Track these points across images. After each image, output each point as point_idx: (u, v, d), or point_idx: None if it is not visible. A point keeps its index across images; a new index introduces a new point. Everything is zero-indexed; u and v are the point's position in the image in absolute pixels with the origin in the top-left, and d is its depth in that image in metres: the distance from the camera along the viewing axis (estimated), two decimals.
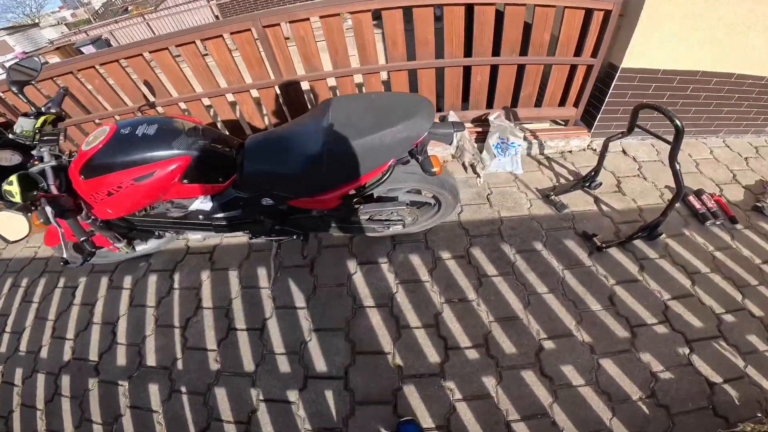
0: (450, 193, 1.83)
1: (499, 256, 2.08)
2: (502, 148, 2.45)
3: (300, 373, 1.76)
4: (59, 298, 2.35)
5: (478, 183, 2.50)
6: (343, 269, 2.14)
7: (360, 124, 1.38)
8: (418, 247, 2.18)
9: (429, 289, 1.98)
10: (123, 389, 1.86)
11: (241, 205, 1.65)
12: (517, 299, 1.90)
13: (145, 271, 2.36)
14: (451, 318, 1.85)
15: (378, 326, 1.87)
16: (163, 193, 1.49)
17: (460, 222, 2.29)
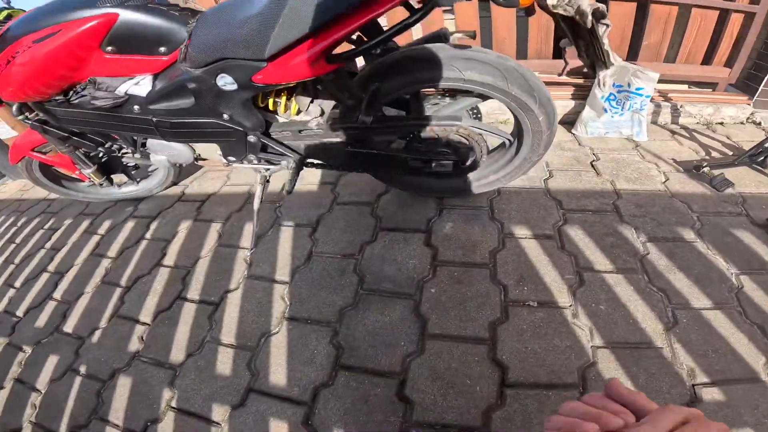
0: (542, 110, 1.14)
1: (615, 244, 1.27)
2: (620, 100, 1.68)
3: (243, 380, 1.10)
4: (37, 239, 2.10)
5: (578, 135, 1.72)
6: (355, 235, 1.47)
7: None
8: (478, 217, 1.44)
9: (486, 281, 1.21)
10: (22, 356, 1.41)
11: (191, 90, 1.15)
12: (651, 315, 1.07)
13: (127, 216, 2.00)
14: (521, 331, 1.07)
15: (388, 327, 1.14)
16: (76, 64, 1.17)
17: (548, 189, 1.51)
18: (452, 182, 1.47)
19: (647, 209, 1.38)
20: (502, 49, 2.02)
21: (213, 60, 1.05)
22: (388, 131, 1.24)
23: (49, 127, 1.46)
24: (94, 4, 1.12)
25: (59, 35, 1.11)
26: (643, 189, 1.47)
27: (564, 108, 1.93)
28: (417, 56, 1.11)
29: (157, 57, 1.19)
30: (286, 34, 0.94)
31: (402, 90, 1.16)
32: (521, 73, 1.10)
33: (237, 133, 1.25)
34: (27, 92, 1.23)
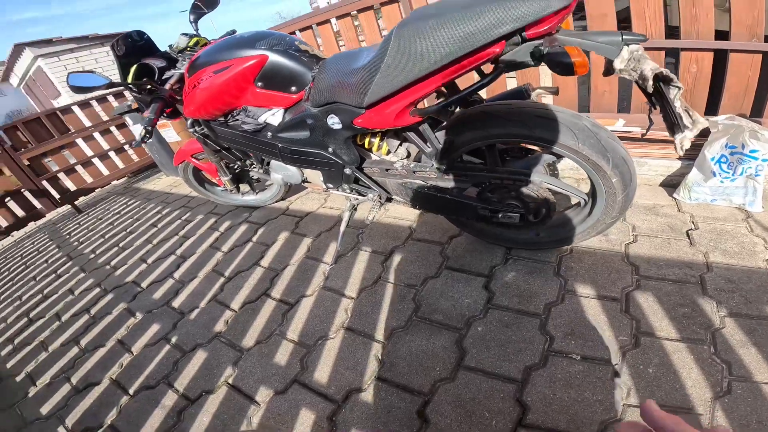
0: (615, 171, 1.19)
1: (688, 315, 1.23)
2: (732, 163, 1.60)
3: (292, 372, 1.37)
4: (173, 228, 2.83)
5: (680, 200, 1.66)
6: (421, 269, 1.65)
7: (446, 6, 1.03)
8: (542, 271, 1.50)
9: (534, 329, 1.28)
10: (132, 321, 1.89)
11: (308, 125, 1.47)
12: (703, 382, 1.04)
13: (242, 220, 2.53)
14: (554, 379, 1.12)
15: (430, 352, 1.29)
16: (238, 94, 1.53)
17: (626, 254, 1.51)
18: (521, 234, 1.56)
19: (738, 285, 1.30)
20: (601, 103, 2.04)
21: (326, 102, 1.35)
22: (461, 179, 1.40)
23: (209, 141, 1.94)
24: (253, 46, 1.46)
25: (230, 69, 1.47)
26: (741, 264, 1.38)
27: (668, 169, 1.87)
28: (492, 112, 1.26)
29: (289, 95, 1.51)
30: (380, 88, 1.15)
31: (476, 142, 1.30)
32: (594, 132, 1.16)
33: (337, 164, 1.55)
34: (202, 112, 1.65)
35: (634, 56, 0.94)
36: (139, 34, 1.74)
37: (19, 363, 1.91)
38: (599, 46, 0.97)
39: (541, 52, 0.95)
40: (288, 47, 1.48)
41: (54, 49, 9.20)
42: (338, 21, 2.47)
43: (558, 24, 0.99)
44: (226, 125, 1.70)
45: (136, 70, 1.64)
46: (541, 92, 1.41)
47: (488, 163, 1.38)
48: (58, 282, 2.62)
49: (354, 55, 1.31)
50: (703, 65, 1.78)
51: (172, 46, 1.80)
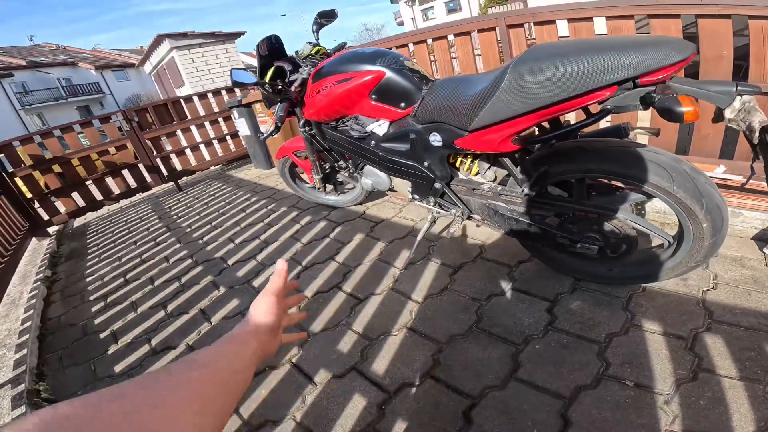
0: (707, 216, 1.21)
1: (752, 358, 1.23)
2: None
3: (352, 360, 1.54)
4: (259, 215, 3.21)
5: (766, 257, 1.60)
6: (488, 286, 1.76)
7: (562, 49, 1.14)
8: (610, 304, 1.54)
9: (591, 354, 1.34)
10: (215, 293, 2.19)
11: (410, 139, 1.65)
12: (750, 416, 1.06)
13: (322, 217, 2.81)
14: (603, 400, 1.18)
15: (485, 360, 1.40)
16: (353, 103, 1.74)
17: (703, 300, 1.50)
18: (594, 267, 1.61)
19: None
20: (702, 146, 2.01)
21: (432, 120, 1.53)
22: (545, 207, 1.49)
23: (315, 140, 2.21)
24: (374, 62, 1.64)
25: (351, 81, 1.67)
26: None
27: (763, 222, 1.80)
28: (588, 148, 1.33)
29: (397, 109, 1.67)
30: (489, 116, 1.28)
31: (568, 174, 1.38)
32: (692, 177, 1.19)
33: (429, 178, 1.71)
34: (320, 115, 1.91)
35: (745, 107, 0.99)
36: (276, 38, 2.03)
37: (106, 320, 2.20)
38: (712, 95, 1.03)
39: (652, 99, 1.02)
40: (403, 66, 1.66)
41: (187, 42, 10.39)
42: (434, 42, 2.65)
43: (673, 74, 1.05)
44: (336, 129, 1.94)
45: (274, 71, 1.92)
46: (640, 131, 1.46)
47: (575, 195, 1.44)
48: (155, 249, 3.06)
49: (466, 81, 1.45)
50: None
51: (298, 52, 2.06)
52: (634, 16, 1.92)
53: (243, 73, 1.82)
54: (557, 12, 2.07)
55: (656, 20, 1.89)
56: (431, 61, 2.91)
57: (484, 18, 2.35)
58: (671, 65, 0.99)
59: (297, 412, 1.37)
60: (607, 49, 1.05)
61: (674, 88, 1.04)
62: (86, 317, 2.31)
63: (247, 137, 4.29)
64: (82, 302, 2.51)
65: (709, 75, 1.86)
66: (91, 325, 2.20)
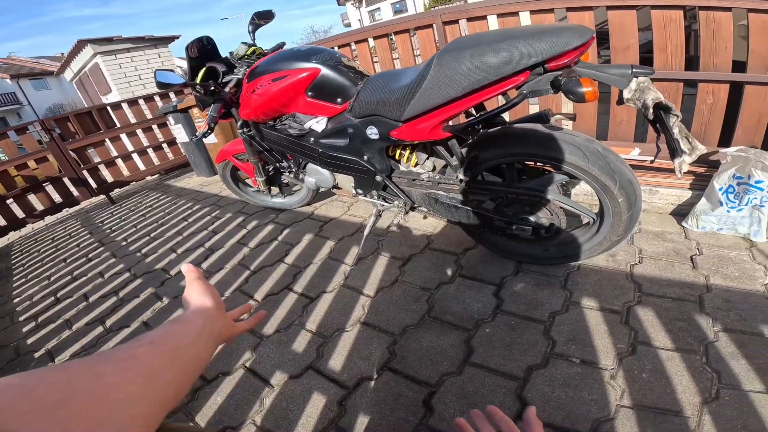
0: (621, 192, 1.31)
1: (684, 328, 1.32)
2: (739, 193, 1.68)
3: (308, 359, 1.49)
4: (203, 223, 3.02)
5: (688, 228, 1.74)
6: (436, 275, 1.77)
7: (482, 39, 1.20)
8: (550, 283, 1.60)
9: (538, 334, 1.38)
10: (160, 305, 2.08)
11: (348, 134, 1.64)
12: (693, 388, 1.12)
13: (269, 221, 2.71)
14: (554, 379, 1.22)
15: (439, 348, 1.40)
16: (290, 101, 1.71)
17: (631, 273, 1.60)
18: (532, 249, 1.68)
19: (735, 305, 1.38)
20: (618, 131, 2.15)
21: (368, 114, 1.52)
22: (481, 192, 1.54)
23: (254, 141, 2.13)
24: (309, 59, 1.63)
25: (286, 78, 1.64)
26: (739, 287, 1.46)
27: (679, 198, 1.95)
28: (513, 133, 1.41)
29: (335, 105, 1.66)
30: (419, 105, 1.32)
31: (497, 160, 1.44)
32: (604, 156, 1.29)
33: (369, 171, 1.70)
34: (257, 114, 1.84)
35: (640, 87, 1.07)
36: (208, 39, 1.94)
37: (40, 340, 2.03)
38: (610, 78, 1.13)
39: (559, 82, 1.10)
40: (338, 63, 1.65)
41: (113, 47, 9.67)
42: (375, 41, 2.65)
43: (576, 58, 1.14)
44: (274, 128, 1.89)
45: (205, 72, 1.83)
46: (560, 117, 1.54)
47: (506, 180, 1.50)
48: (88, 265, 2.81)
49: (397, 75, 1.48)
50: (718, 97, 1.89)
51: (232, 53, 1.99)
52: (554, 10, 2.03)
53: (168, 73, 1.71)
54: (487, 8, 2.15)
55: (572, 13, 2.00)
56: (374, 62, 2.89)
57: (421, 16, 2.39)
58: (574, 49, 1.08)
59: (256, 416, 1.31)
60: (519, 37, 1.12)
61: (578, 72, 1.12)
62: (18, 338, 2.11)
63: (186, 144, 4.06)
64: (12, 323, 2.29)
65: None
66: (25, 346, 2.02)
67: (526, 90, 1.18)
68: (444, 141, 1.47)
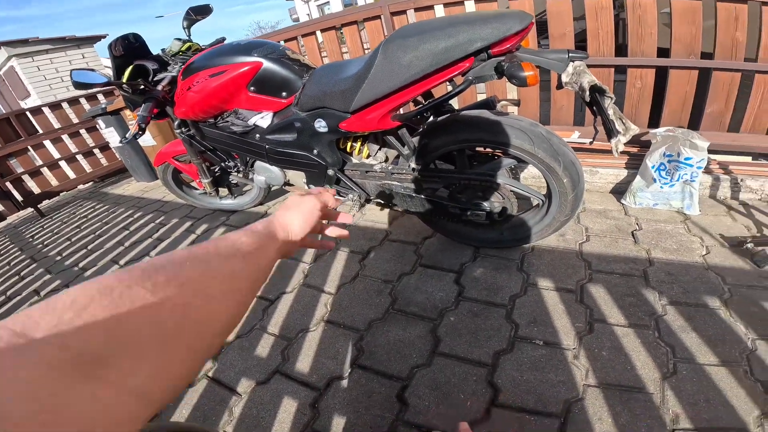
0: (565, 172, 1.35)
1: (634, 303, 1.39)
2: (670, 170, 1.80)
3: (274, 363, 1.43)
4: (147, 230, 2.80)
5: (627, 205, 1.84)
6: (397, 266, 1.76)
7: (426, 26, 1.19)
8: (507, 267, 1.64)
9: (501, 318, 1.41)
10: None
11: (296, 128, 1.57)
12: (651, 364, 1.18)
13: (220, 223, 2.57)
14: (521, 362, 1.24)
15: (407, 341, 1.39)
16: (231, 97, 1.61)
17: (580, 252, 1.67)
18: (487, 234, 1.71)
19: (677, 277, 1.48)
20: (560, 116, 2.24)
21: (315, 107, 1.46)
22: (433, 180, 1.53)
23: (195, 141, 1.99)
24: (250, 53, 1.55)
25: (225, 74, 1.55)
26: (679, 260, 1.56)
27: (617, 177, 2.07)
28: (461, 120, 1.42)
29: (279, 99, 1.59)
30: (366, 95, 1.29)
31: (447, 147, 1.44)
32: (547, 138, 1.33)
33: (320, 166, 1.64)
34: (194, 113, 1.71)
35: (577, 71, 1.11)
36: (135, 36, 1.79)
37: None
38: (549, 62, 1.16)
39: (502, 68, 1.11)
40: (281, 55, 1.58)
41: (29, 49, 8.77)
42: (323, 33, 2.57)
43: (518, 43, 1.16)
44: (215, 126, 1.77)
45: (132, 70, 1.68)
46: (505, 103, 1.57)
47: (458, 166, 1.51)
48: (21, 284, 2.54)
49: (343, 66, 1.44)
50: (646, 81, 2.00)
51: (165, 50, 1.86)
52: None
53: (88, 72, 1.55)
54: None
55: (514, 1, 2.05)
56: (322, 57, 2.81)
57: (369, 7, 2.35)
58: (515, 34, 1.10)
59: (227, 427, 1.23)
60: (463, 23, 1.12)
61: (519, 57, 1.14)
62: None
63: (120, 148, 3.76)
64: None
65: None
66: None
67: (472, 76, 1.19)
68: (394, 131, 1.45)
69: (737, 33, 1.78)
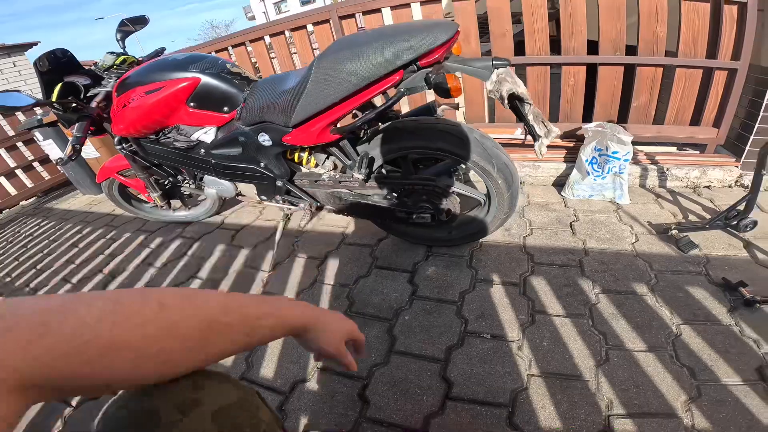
0: (499, 174, 1.43)
1: (571, 293, 1.50)
2: (600, 163, 1.93)
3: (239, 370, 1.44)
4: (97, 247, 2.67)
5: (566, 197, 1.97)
6: (354, 269, 1.80)
7: (358, 40, 1.22)
8: (457, 264, 1.71)
9: (452, 314, 1.48)
10: None
11: (240, 142, 1.56)
12: (586, 352, 1.27)
13: (175, 236, 2.49)
14: (471, 356, 1.32)
15: (367, 338, 1.42)
16: (171, 112, 1.56)
17: (524, 245, 1.77)
18: (436, 233, 1.77)
19: (609, 266, 1.60)
20: (503, 114, 2.34)
21: (257, 121, 1.46)
22: (380, 186, 1.57)
23: (138, 157, 1.92)
24: (186, 69, 1.51)
25: (162, 90, 1.50)
26: (611, 248, 1.69)
27: (557, 170, 2.19)
28: (402, 127, 1.46)
29: (222, 114, 1.56)
30: (304, 110, 1.30)
31: (390, 154, 1.49)
32: (481, 143, 1.40)
33: (269, 178, 1.64)
34: (132, 130, 1.65)
35: (498, 78, 1.17)
36: (63, 51, 1.69)
37: None
38: (475, 71, 1.21)
39: (429, 79, 1.15)
40: (220, 70, 1.55)
41: None
42: (272, 38, 2.54)
43: (445, 53, 1.19)
44: (157, 142, 1.72)
45: (61, 88, 1.60)
46: (446, 107, 1.62)
47: (403, 171, 1.56)
48: None
49: (282, 79, 1.44)
50: (578, 78, 2.12)
51: (98, 64, 1.78)
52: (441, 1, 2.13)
53: (12, 94, 1.48)
54: (381, 0, 2.17)
55: (457, 2, 2.11)
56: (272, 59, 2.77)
57: (317, 11, 2.33)
58: (440, 46, 1.14)
59: None
60: (390, 37, 1.15)
61: (446, 68, 1.19)
62: None
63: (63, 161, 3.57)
64: None
65: (498, 50, 2.15)
66: None
67: (403, 88, 1.22)
68: (337, 142, 1.48)
69: (658, 28, 1.90)
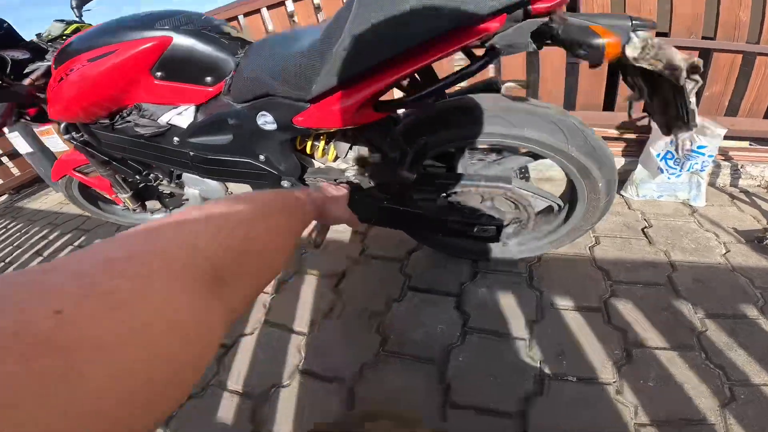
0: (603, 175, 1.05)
1: (669, 320, 1.16)
2: (677, 160, 1.59)
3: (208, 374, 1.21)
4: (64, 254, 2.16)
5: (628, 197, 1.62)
6: (383, 291, 1.42)
7: None
8: (516, 284, 1.36)
9: (521, 352, 1.13)
10: None
11: (231, 126, 1.12)
12: (705, 391, 0.97)
13: None
14: (556, 408, 0.98)
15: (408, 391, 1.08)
16: (126, 87, 1.14)
17: (593, 258, 1.43)
18: (490, 246, 1.38)
19: (706, 284, 1.27)
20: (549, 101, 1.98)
21: (256, 96, 1.02)
22: (431, 190, 1.17)
23: (93, 150, 1.47)
24: (152, 27, 1.09)
25: (114, 55, 1.08)
26: (702, 261, 1.36)
27: None
28: (469, 107, 1.05)
29: (203, 87, 1.15)
30: (333, 74, 0.85)
31: (450, 144, 1.11)
32: (581, 131, 1.01)
33: (271, 176, 1.21)
34: (74, 112, 1.23)
35: (650, 43, 0.78)
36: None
37: None
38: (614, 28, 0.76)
39: (551, 32, 0.74)
40: (203, 26, 1.13)
41: None
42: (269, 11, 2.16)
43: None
44: (112, 129, 1.27)
45: None
46: (511, 85, 1.21)
47: (458, 168, 1.18)
48: None
49: (294, 36, 1.02)
50: None
51: (41, 35, 1.42)
52: None
53: None
54: None
55: None
56: None
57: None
58: None
59: None
60: None
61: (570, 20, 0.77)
62: None
63: (31, 155, 3.14)
64: None
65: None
66: None
67: (500, 44, 0.80)
68: (376, 124, 1.00)
69: (741, 13, 1.59)
